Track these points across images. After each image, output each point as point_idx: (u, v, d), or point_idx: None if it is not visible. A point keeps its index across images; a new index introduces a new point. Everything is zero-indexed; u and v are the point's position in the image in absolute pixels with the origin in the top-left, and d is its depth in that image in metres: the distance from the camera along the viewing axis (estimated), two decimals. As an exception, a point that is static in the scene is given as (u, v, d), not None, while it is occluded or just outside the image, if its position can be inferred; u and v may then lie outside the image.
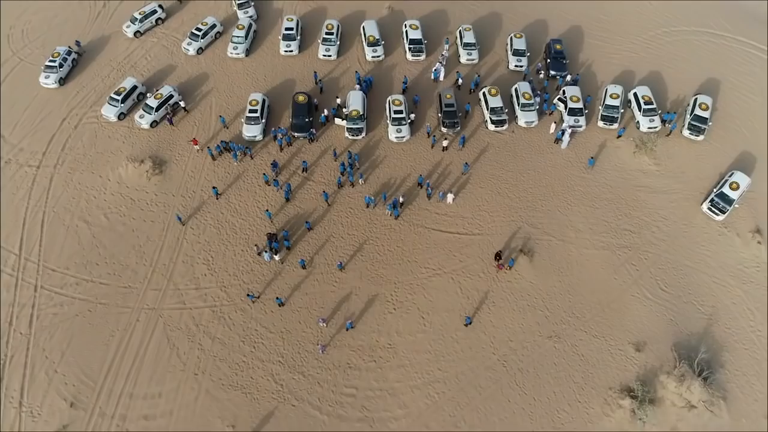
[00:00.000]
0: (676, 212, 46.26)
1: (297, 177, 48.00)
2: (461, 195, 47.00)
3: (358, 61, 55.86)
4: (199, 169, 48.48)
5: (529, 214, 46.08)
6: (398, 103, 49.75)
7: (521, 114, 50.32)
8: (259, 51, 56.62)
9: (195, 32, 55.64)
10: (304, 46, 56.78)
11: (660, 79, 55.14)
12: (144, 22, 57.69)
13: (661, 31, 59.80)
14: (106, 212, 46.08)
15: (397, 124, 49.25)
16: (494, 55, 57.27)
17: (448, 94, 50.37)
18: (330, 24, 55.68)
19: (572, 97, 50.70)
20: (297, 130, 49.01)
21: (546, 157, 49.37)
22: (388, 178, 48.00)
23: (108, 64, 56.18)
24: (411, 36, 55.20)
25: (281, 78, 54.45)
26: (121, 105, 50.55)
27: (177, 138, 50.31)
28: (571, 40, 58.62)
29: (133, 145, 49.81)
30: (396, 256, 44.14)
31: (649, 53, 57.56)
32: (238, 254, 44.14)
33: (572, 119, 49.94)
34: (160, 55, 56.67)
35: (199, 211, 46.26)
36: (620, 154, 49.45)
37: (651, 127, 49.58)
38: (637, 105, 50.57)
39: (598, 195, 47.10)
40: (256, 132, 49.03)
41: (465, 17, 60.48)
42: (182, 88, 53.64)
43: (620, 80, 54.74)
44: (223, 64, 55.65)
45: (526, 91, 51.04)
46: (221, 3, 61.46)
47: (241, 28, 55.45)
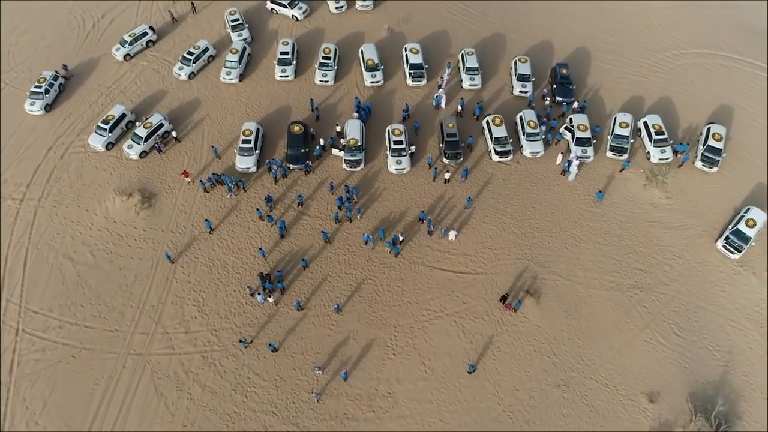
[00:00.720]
0: (689, 250, 44.68)
1: (292, 211, 46.46)
2: (464, 231, 45.46)
3: (357, 87, 54.39)
4: (190, 203, 46.92)
5: (535, 252, 44.51)
6: (398, 133, 48.24)
7: (526, 144, 48.81)
8: (253, 76, 55.14)
9: (187, 56, 54.17)
10: (301, 71, 55.31)
11: (670, 105, 53.64)
12: (134, 45, 56.26)
13: (671, 54, 58.34)
14: (92, 249, 44.50)
15: (397, 155, 47.73)
16: (498, 79, 55.81)
17: (450, 123, 48.87)
18: (327, 48, 54.23)
19: (579, 126, 49.19)
20: (292, 161, 47.50)
21: (552, 189, 47.82)
22: (387, 212, 46.45)
23: (96, 89, 54.71)
24: (411, 60, 53.72)
25: (276, 105, 52.96)
26: (108, 134, 49.06)
27: (167, 169, 48.78)
28: (577, 63, 57.20)
29: (121, 177, 48.28)
30: (396, 297, 42.55)
31: (659, 77, 56.08)
32: (230, 295, 42.55)
33: (580, 149, 48.42)
34: (150, 79, 55.19)
35: (189, 248, 44.69)
36: (630, 187, 47.90)
37: (662, 158, 48.03)
38: (648, 135, 49.06)
39: (607, 230, 45.54)
40: (250, 164, 47.50)
41: (467, 38, 59.09)
42: (173, 115, 52.15)
43: (629, 107, 53.27)
44: (215, 90, 54.17)
45: (531, 119, 49.54)
46: (215, 24, 60.07)
47: (234, 53, 53.96)
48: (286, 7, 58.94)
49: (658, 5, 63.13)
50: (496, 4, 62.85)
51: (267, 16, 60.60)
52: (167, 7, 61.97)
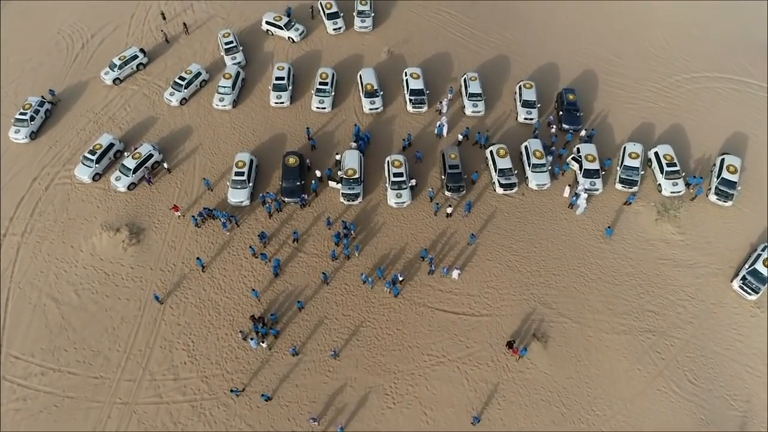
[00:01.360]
0: (703, 290, 43.01)
1: (287, 248, 44.80)
2: (467, 269, 43.81)
3: (355, 113, 52.80)
4: (180, 238, 45.28)
5: (542, 292, 42.83)
6: (398, 164, 46.61)
7: (532, 176, 47.19)
8: (247, 102, 53.55)
9: (178, 81, 52.57)
10: (297, 96, 53.73)
11: (681, 133, 52.04)
12: (124, 69, 54.72)
13: (681, 78, 56.77)
14: (77, 288, 42.84)
15: (397, 188, 46.10)
16: (502, 104, 54.22)
17: (452, 154, 47.25)
18: (324, 73, 52.64)
19: (587, 156, 47.59)
20: (287, 194, 45.89)
21: (560, 224, 46.17)
22: (387, 248, 44.79)
23: (84, 115, 53.14)
24: (412, 86, 52.14)
25: (271, 132, 51.36)
26: (95, 165, 47.48)
27: (157, 201, 47.15)
28: (583, 86, 55.65)
29: (108, 210, 46.65)
30: (396, 341, 40.86)
31: (669, 103, 54.49)
32: (222, 338, 40.85)
33: (588, 182, 46.80)
34: (140, 105, 53.60)
35: (179, 287, 43.03)
36: (641, 221, 46.26)
37: (675, 191, 46.40)
38: (659, 166, 47.46)
39: (617, 269, 43.87)
40: (243, 197, 45.87)
41: (469, 60, 57.53)
42: (163, 143, 50.56)
43: (638, 135, 51.68)
44: (208, 116, 52.58)
45: (537, 149, 47.92)
46: (208, 45, 58.53)
47: (227, 77, 52.37)
48: (282, 28, 57.37)
49: (667, 23, 61.62)
50: (498, 25, 61.36)
51: (262, 37, 59.08)
52: (159, 27, 60.44)
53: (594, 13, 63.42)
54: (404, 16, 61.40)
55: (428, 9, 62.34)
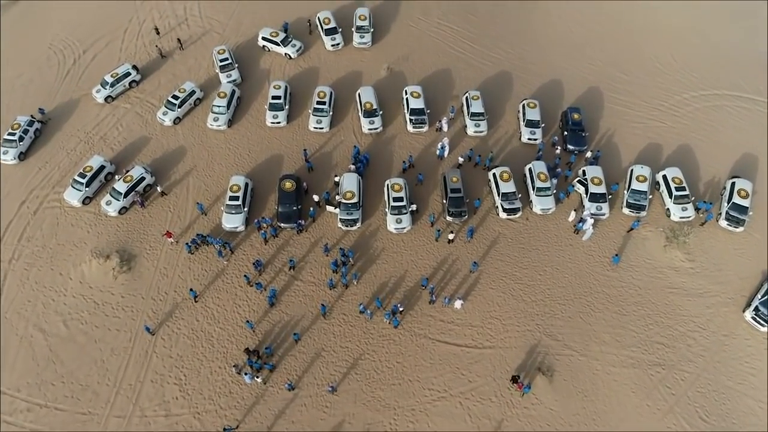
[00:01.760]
0: (714, 320, 41.79)
1: (283, 275, 43.56)
2: (470, 298, 42.61)
3: (354, 133, 51.59)
4: (172, 265, 44.06)
5: (547, 322, 41.59)
6: (398, 188, 45.40)
7: (536, 200, 45.97)
8: (242, 121, 52.36)
9: (171, 100, 51.37)
10: (294, 115, 52.54)
11: (690, 154, 50.84)
12: (116, 86, 53.49)
13: (689, 95, 55.59)
14: (65, 319, 41.62)
15: (397, 213, 44.88)
16: (505, 123, 53.04)
17: (454, 177, 46.05)
18: (322, 92, 51.44)
19: (593, 179, 46.38)
20: (283, 220, 44.68)
21: (565, 250, 44.95)
22: (386, 276, 43.57)
23: (75, 135, 51.95)
24: (412, 105, 50.94)
25: (267, 153, 50.16)
26: (86, 189, 46.28)
27: (148, 226, 45.92)
28: (588, 104, 54.48)
29: (98, 236, 45.42)
30: (395, 375, 39.63)
31: (676, 122, 53.31)
32: (215, 372, 39.62)
33: (594, 206, 45.58)
34: (132, 124, 52.41)
35: (171, 317, 41.81)
36: (649, 247, 45.04)
37: (684, 216, 45.18)
38: (667, 190, 46.26)
39: (625, 298, 42.64)
40: (238, 223, 44.65)
41: (471, 77, 56.34)
42: (156, 164, 49.35)
43: (645, 156, 50.47)
44: (202, 136, 51.38)
45: (541, 171, 46.74)
46: (202, 62, 57.36)
47: (222, 96, 51.18)
48: (279, 45, 56.19)
49: (674, 39, 60.46)
50: (501, 40, 60.21)
51: (258, 53, 57.90)
52: (153, 42, 59.26)
53: (599, 28, 62.29)
54: (404, 30, 60.26)
55: (429, 23, 61.20)
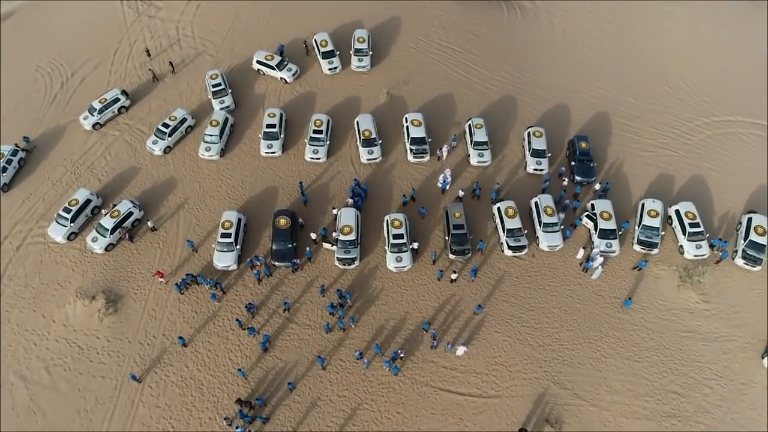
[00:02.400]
0: (731, 367, 40.06)
1: (277, 318, 41.84)
2: (474, 342, 40.90)
3: (352, 164, 49.90)
4: (161, 306, 42.36)
5: (555, 369, 39.86)
6: (398, 224, 43.69)
7: (543, 236, 44.28)
8: (236, 150, 50.70)
9: (161, 129, 49.73)
10: (290, 143, 50.90)
11: (703, 186, 49.17)
12: (104, 113, 51.89)
13: (701, 122, 54.00)
14: (47, 365, 39.91)
15: (397, 251, 43.17)
16: (509, 151, 51.41)
17: (456, 212, 44.36)
18: (318, 120, 49.79)
19: (603, 214, 44.70)
20: (278, 258, 42.99)
21: (573, 290, 43.25)
22: (385, 318, 41.86)
23: (61, 164, 50.32)
24: (413, 134, 49.28)
25: (262, 185, 48.48)
26: (71, 224, 44.57)
27: (136, 264, 44.24)
28: (597, 132, 52.87)
29: (84, 274, 43.73)
30: (396, 426, 37.94)
31: (688, 151, 51.67)
32: (205, 423, 37.89)
33: (604, 243, 43.86)
34: (121, 153, 50.76)
35: (159, 363, 40.08)
36: (661, 288, 43.33)
37: (698, 255, 43.46)
38: (681, 225, 44.55)
39: (637, 342, 40.92)
40: (230, 261, 42.96)
41: (474, 102, 54.73)
42: (145, 197, 47.68)
43: (656, 187, 48.81)
44: (194, 166, 49.72)
45: (548, 205, 45.05)
46: (195, 86, 55.78)
47: (215, 125, 49.53)
48: (274, 69, 54.55)
49: (685, 62, 58.91)
50: (505, 62, 58.70)
51: (253, 77, 56.29)
52: (145, 63, 57.68)
53: (607, 51, 60.81)
54: (404, 52, 58.66)
55: (430, 44, 59.62)
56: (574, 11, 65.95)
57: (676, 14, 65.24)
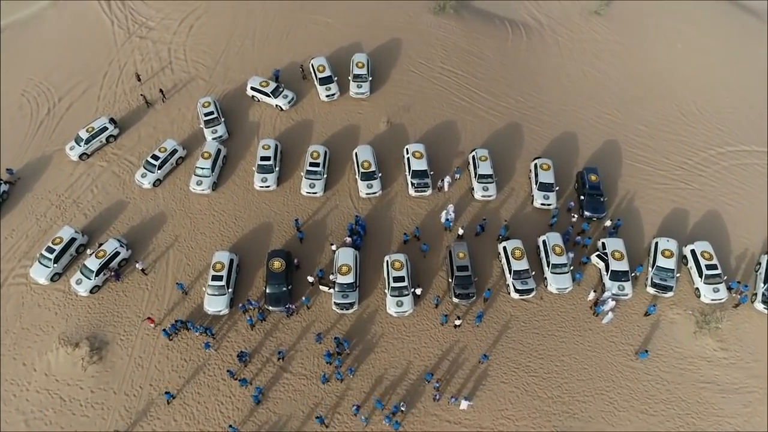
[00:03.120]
0: (752, 422, 38.21)
1: (271, 365, 39.91)
2: (479, 393, 38.96)
3: (350, 198, 48.02)
4: (148, 354, 40.46)
5: (565, 423, 37.97)
6: (399, 266, 41.79)
7: (551, 278, 42.37)
8: (229, 183, 48.84)
9: (151, 161, 47.86)
10: (285, 177, 48.99)
11: (719, 222, 47.32)
12: (91, 143, 50.02)
13: (716, 152, 52.19)
14: (27, 418, 38.04)
15: (398, 294, 41.27)
16: (515, 183, 49.58)
17: (461, 252, 42.48)
18: (315, 151, 47.94)
19: (614, 253, 42.82)
20: (272, 303, 41.11)
21: (584, 335, 41.36)
22: (385, 366, 39.96)
23: (46, 197, 48.48)
24: (414, 167, 47.41)
25: (255, 221, 46.61)
26: (54, 265, 42.68)
27: (123, 307, 42.39)
28: (606, 162, 51.05)
29: (67, 319, 41.85)
30: (396, 487, 35.91)
31: (703, 184, 49.81)
32: (194, 484, 35.92)
33: (616, 285, 41.95)
34: (108, 185, 48.91)
35: (145, 416, 38.22)
36: (677, 334, 41.43)
37: (715, 299, 41.55)
38: (697, 267, 42.65)
39: (652, 394, 38.98)
40: (221, 306, 41.08)
41: (477, 130, 52.90)
42: (133, 234, 45.81)
43: (670, 224, 46.96)
44: (184, 201, 47.84)
45: (557, 244, 43.17)
46: (186, 113, 53.98)
47: (207, 157, 47.66)
48: (269, 96, 52.68)
49: (698, 87, 57.08)
50: (510, 87, 56.94)
51: (247, 103, 54.44)
52: (135, 88, 55.85)
53: (615, 74, 59.08)
54: (405, 77, 56.81)
55: (431, 68, 57.77)
56: (581, 31, 64.22)
57: (687, 34, 63.47)
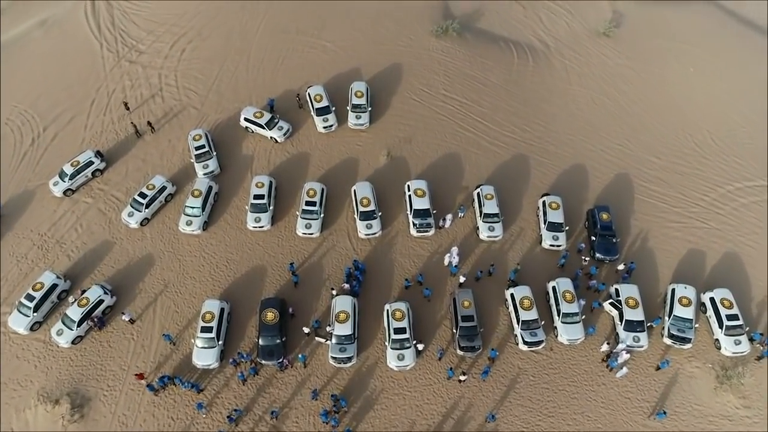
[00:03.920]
0: (779, 488, 35.96)
1: (264, 424, 37.72)
2: (485, 456, 36.73)
3: (349, 238, 45.88)
4: (133, 411, 38.34)
5: (578, 489, 35.73)
6: (400, 316, 39.65)
7: (562, 328, 40.24)
8: (220, 222, 46.73)
9: (138, 199, 45.76)
10: (280, 215, 46.90)
11: (738, 265, 45.21)
12: (76, 178, 47.93)
13: (733, 187, 50.09)
14: (3, 484, 35.79)
15: (399, 347, 39.11)
16: (522, 221, 47.51)
17: (466, 301, 40.37)
18: (312, 189, 45.86)
19: (629, 301, 40.73)
20: (265, 356, 38.98)
21: (597, 391, 39.20)
22: (385, 426, 37.87)
23: (28, 237, 46.39)
24: (416, 206, 45.30)
25: (248, 263, 44.49)
26: (34, 314, 40.57)
27: (107, 359, 40.28)
28: (617, 197, 48.98)
29: (47, 372, 39.72)
30: None
31: (721, 222, 47.69)
32: None
33: (630, 337, 39.78)
34: (94, 224, 46.82)
35: (129, 482, 35.92)
36: (696, 390, 39.25)
37: (737, 352, 39.39)
38: (716, 317, 40.48)
39: (670, 457, 36.83)
40: (211, 360, 38.94)
41: (482, 162, 50.84)
42: (119, 278, 43.75)
43: (687, 267, 44.87)
44: (173, 241, 45.73)
45: (567, 290, 41.06)
46: (177, 144, 51.94)
47: (197, 195, 45.56)
48: (264, 127, 50.58)
49: (713, 117, 55.00)
50: (516, 116, 54.95)
51: (240, 134, 52.36)
52: (125, 118, 53.84)
53: (626, 101, 57.07)
54: (405, 105, 54.74)
55: (433, 95, 55.71)
56: (589, 54, 62.23)
57: (699, 57, 61.48)
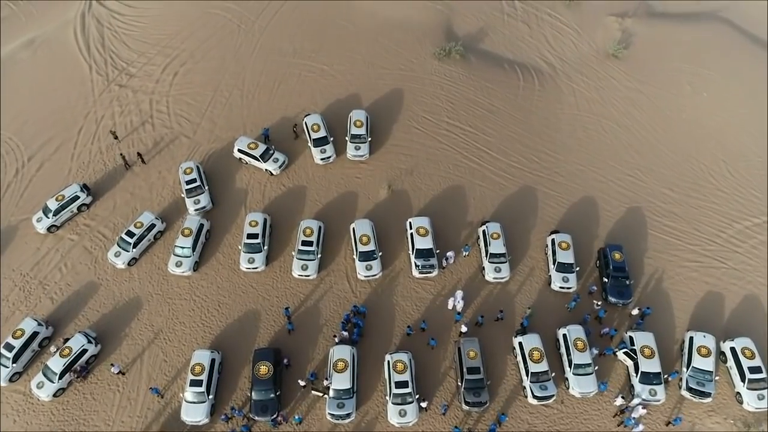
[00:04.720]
0: None
1: (257, 487, 35.61)
2: None
3: (347, 279, 43.82)
4: (117, 471, 36.09)
5: None
6: (402, 368, 37.58)
7: (574, 380, 38.16)
8: (212, 261, 44.71)
9: (125, 238, 43.73)
10: (275, 254, 44.88)
11: (761, 311, 43.29)
12: (61, 214, 45.88)
13: (751, 223, 48.12)
14: None
15: (400, 402, 36.98)
16: (530, 260, 45.51)
17: (471, 351, 38.31)
18: (309, 228, 43.83)
19: (644, 350, 38.64)
20: (258, 411, 36.87)
21: (611, 449, 37.07)
22: (387, 488, 35.61)
23: (9, 277, 44.47)
24: (418, 245, 43.27)
25: (241, 308, 42.44)
26: (13, 365, 38.56)
27: (90, 413, 38.27)
28: (629, 234, 47.00)
29: (26, 427, 37.68)
30: None
31: (740, 262, 45.69)
32: None
33: (647, 390, 37.68)
34: (78, 263, 44.79)
35: None
36: (717, 447, 37.15)
37: (760, 407, 37.28)
38: (738, 369, 38.38)
39: None
40: (201, 415, 36.92)
41: (487, 195, 48.91)
42: (104, 323, 41.69)
43: (705, 312, 42.84)
44: (162, 283, 43.71)
45: (579, 338, 39.00)
46: (168, 177, 49.93)
47: (187, 234, 43.52)
48: (258, 159, 48.56)
49: (729, 148, 53.05)
50: (522, 145, 52.98)
51: (234, 165, 50.36)
52: (113, 147, 51.86)
53: (636, 128, 55.13)
54: (407, 133, 52.76)
55: (436, 123, 53.72)
56: (598, 77, 60.25)
57: (712, 80, 59.50)
